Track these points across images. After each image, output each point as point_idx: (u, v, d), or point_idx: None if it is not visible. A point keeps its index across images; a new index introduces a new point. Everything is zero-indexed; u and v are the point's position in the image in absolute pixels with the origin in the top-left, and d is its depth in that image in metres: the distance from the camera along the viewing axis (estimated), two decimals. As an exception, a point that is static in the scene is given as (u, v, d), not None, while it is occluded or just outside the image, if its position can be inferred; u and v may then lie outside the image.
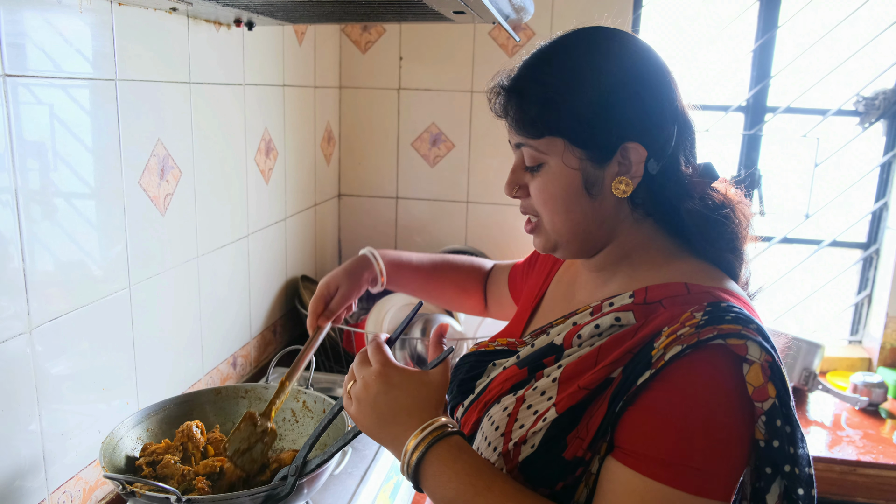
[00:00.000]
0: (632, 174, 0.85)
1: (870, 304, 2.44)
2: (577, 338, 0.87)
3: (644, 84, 0.85)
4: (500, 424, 0.87)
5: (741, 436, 0.75)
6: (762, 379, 0.74)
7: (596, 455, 0.79)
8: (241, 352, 1.83)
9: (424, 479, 0.81)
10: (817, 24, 2.30)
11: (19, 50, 1.04)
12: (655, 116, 0.85)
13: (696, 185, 0.89)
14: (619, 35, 0.87)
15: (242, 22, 1.60)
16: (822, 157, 2.36)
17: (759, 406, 0.75)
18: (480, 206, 2.43)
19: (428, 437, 0.81)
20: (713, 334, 0.75)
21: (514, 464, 0.83)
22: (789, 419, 0.76)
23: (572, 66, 0.85)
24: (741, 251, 0.90)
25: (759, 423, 0.75)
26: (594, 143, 0.84)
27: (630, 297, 0.86)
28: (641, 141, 0.84)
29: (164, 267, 1.44)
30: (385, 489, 1.42)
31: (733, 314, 0.77)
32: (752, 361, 0.74)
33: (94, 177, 1.22)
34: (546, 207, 0.89)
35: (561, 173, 0.86)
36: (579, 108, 0.83)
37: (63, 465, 1.19)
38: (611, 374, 0.80)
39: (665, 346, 0.76)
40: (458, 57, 2.32)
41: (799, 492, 0.78)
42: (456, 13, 1.27)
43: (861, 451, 1.92)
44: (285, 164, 2.01)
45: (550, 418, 0.81)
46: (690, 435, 0.73)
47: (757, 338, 0.75)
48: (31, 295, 1.09)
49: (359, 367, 0.89)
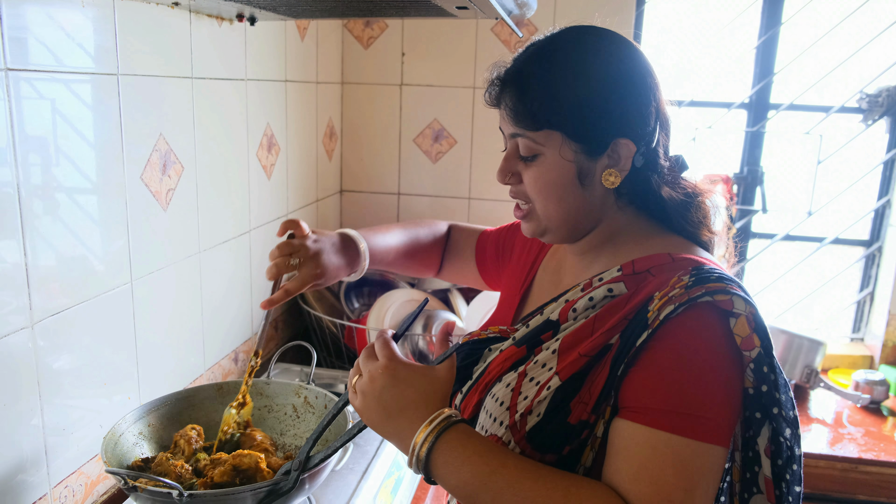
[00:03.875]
0: (620, 167, 0.91)
1: (872, 302, 2.43)
2: (573, 311, 0.91)
3: (633, 82, 0.90)
4: (505, 400, 0.90)
5: (735, 384, 0.82)
6: (748, 329, 0.80)
7: (601, 418, 0.83)
8: (242, 347, 1.83)
9: (436, 469, 0.82)
10: (820, 20, 2.29)
11: (21, 44, 1.04)
12: (642, 114, 0.90)
13: (672, 175, 0.96)
14: (610, 35, 0.92)
15: (245, 17, 1.59)
16: (824, 155, 2.35)
17: (746, 355, 0.81)
18: (482, 202, 2.42)
19: (436, 428, 0.82)
20: (702, 292, 0.81)
21: (522, 434, 0.86)
22: (773, 367, 0.82)
23: (574, 62, 0.89)
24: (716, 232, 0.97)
25: (747, 372, 0.82)
26: (590, 137, 0.89)
27: (618, 270, 0.91)
28: (631, 137, 0.89)
29: (166, 262, 1.44)
30: (386, 484, 1.42)
31: (717, 274, 0.84)
32: (738, 314, 0.80)
33: (96, 172, 1.22)
34: (541, 195, 0.93)
35: (557, 164, 0.90)
36: (580, 104, 0.88)
37: (65, 459, 1.20)
38: (609, 340, 0.84)
39: (659, 308, 0.81)
40: (460, 53, 2.31)
41: (786, 433, 0.84)
42: (459, 8, 1.27)
43: (863, 448, 1.92)
44: (287, 160, 2.01)
45: (554, 386, 0.85)
46: (690, 386, 0.79)
47: (740, 293, 0.82)
48: (32, 290, 1.09)
49: (365, 362, 0.89)
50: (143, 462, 1.14)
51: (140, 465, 1.13)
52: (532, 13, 1.50)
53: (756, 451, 0.85)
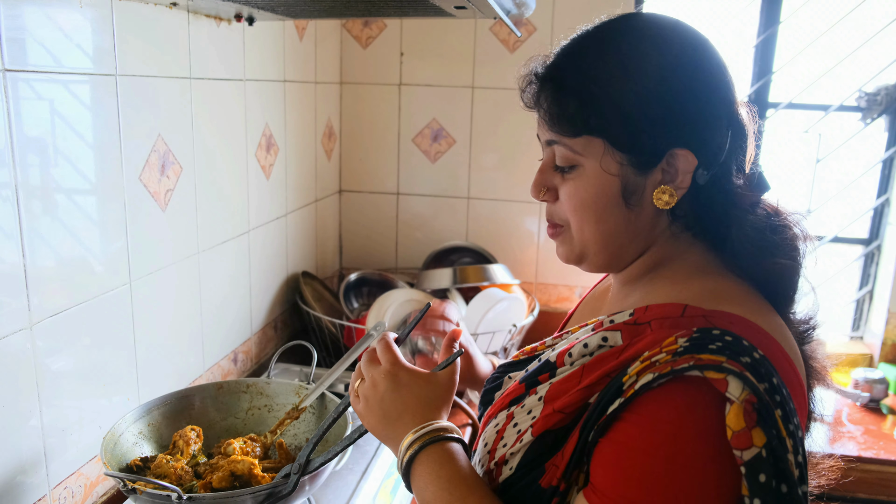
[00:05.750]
0: (677, 184, 0.76)
1: (871, 300, 2.43)
2: (569, 356, 0.79)
3: (699, 82, 0.75)
4: (489, 441, 0.82)
5: (718, 486, 0.64)
6: (743, 423, 0.63)
7: (574, 485, 0.72)
8: (241, 348, 1.83)
9: (413, 479, 0.80)
10: (819, 19, 2.29)
11: (19, 45, 1.04)
12: (709, 120, 0.75)
13: (746, 197, 0.79)
14: (671, 23, 0.78)
15: (243, 17, 1.59)
16: (823, 153, 2.35)
17: (737, 455, 0.63)
18: (481, 201, 2.42)
19: (423, 438, 0.80)
20: (688, 364, 0.65)
21: (496, 484, 0.78)
22: (783, 475, 0.63)
23: (620, 56, 0.75)
24: (799, 260, 0.79)
25: (745, 476, 0.64)
26: (639, 146, 0.75)
27: (630, 314, 0.77)
28: (691, 147, 0.74)
29: (165, 263, 1.44)
30: (386, 486, 1.42)
31: (722, 343, 0.66)
32: (731, 400, 0.63)
33: (95, 172, 1.22)
34: (576, 215, 0.79)
35: (597, 178, 0.76)
36: (625, 105, 0.74)
37: (64, 460, 1.19)
38: (588, 398, 0.72)
39: (638, 373, 0.67)
40: (459, 52, 2.31)
41: None
42: (457, 8, 1.27)
43: (862, 446, 1.92)
44: (286, 160, 2.00)
45: (527, 441, 0.75)
46: (656, 480, 0.64)
47: (742, 372, 0.64)
48: (31, 291, 1.09)
49: (367, 366, 0.88)
50: (142, 461, 1.13)
51: (139, 465, 1.13)
52: (530, 13, 1.50)
53: None
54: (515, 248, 2.40)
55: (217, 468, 1.10)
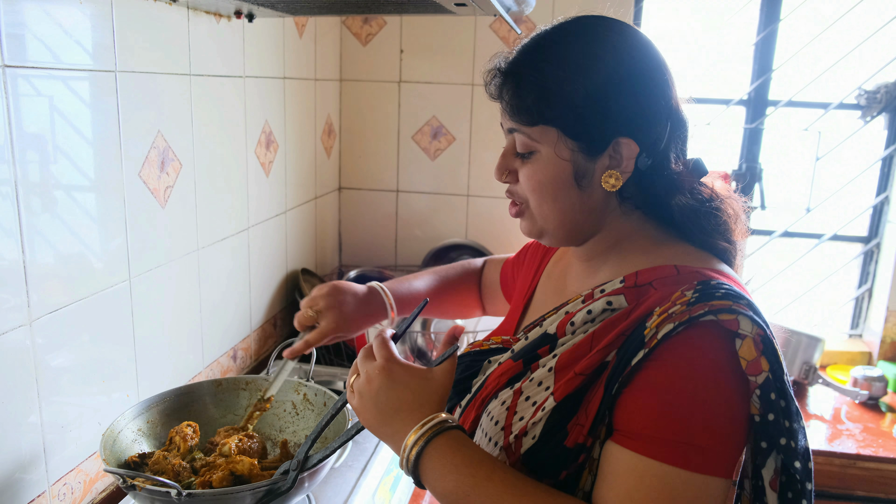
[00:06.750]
0: (622, 169, 0.85)
1: (870, 298, 2.44)
2: (570, 325, 0.87)
3: (641, 79, 0.85)
4: (500, 419, 0.86)
5: (738, 411, 0.76)
6: (755, 353, 0.75)
7: (597, 440, 0.79)
8: (241, 344, 1.83)
9: (424, 474, 0.81)
10: (819, 17, 2.29)
11: (19, 41, 1.03)
12: (650, 112, 0.85)
13: (686, 180, 0.89)
14: (619, 26, 0.87)
15: (243, 13, 1.59)
16: (823, 151, 2.35)
17: (752, 380, 0.75)
18: (481, 199, 2.42)
19: (427, 432, 0.80)
20: (704, 311, 0.75)
21: (517, 457, 0.83)
22: (783, 393, 0.77)
23: (571, 55, 0.84)
24: (734, 242, 0.91)
25: (753, 398, 0.76)
26: (587, 135, 0.84)
27: (621, 282, 0.87)
28: (634, 136, 0.84)
29: (165, 259, 1.44)
30: (385, 482, 1.42)
31: (723, 290, 0.78)
32: (743, 336, 0.75)
33: (94, 169, 1.22)
34: (534, 195, 0.89)
35: (552, 163, 0.86)
36: (575, 99, 0.83)
37: (63, 457, 1.19)
38: (605, 357, 0.80)
39: (657, 325, 0.76)
40: (459, 50, 2.31)
41: (796, 465, 0.78)
42: (457, 5, 1.27)
43: (861, 444, 1.92)
44: (286, 157, 2.00)
45: (549, 407, 0.82)
46: (686, 412, 0.74)
47: (748, 312, 0.76)
48: (31, 287, 1.09)
49: (363, 362, 0.88)
50: (139, 458, 1.13)
51: (136, 462, 1.12)
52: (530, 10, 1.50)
53: (762, 483, 0.79)
54: (515, 246, 2.40)
55: (216, 467, 1.10)
